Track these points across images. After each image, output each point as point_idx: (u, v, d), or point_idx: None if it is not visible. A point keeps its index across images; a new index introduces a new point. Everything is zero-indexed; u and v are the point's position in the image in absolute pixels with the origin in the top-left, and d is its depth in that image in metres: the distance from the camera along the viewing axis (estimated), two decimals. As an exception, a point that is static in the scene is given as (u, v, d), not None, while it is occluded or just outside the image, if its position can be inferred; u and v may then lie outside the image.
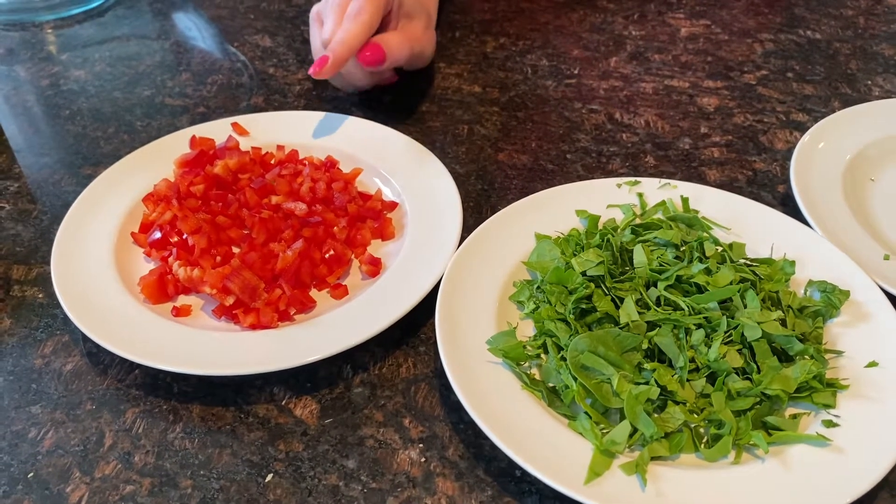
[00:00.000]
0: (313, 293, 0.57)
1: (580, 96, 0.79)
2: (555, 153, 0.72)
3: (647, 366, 0.48)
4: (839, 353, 0.50)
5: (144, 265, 0.60)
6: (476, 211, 0.66)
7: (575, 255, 0.55)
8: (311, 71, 0.66)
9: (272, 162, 0.67)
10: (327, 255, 0.57)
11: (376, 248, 0.61)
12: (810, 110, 0.77)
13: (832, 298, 0.53)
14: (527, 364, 0.51)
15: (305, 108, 0.79)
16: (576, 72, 0.83)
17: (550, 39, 0.89)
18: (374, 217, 0.61)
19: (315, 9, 0.76)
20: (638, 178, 0.63)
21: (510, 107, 0.78)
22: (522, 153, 0.72)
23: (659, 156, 0.72)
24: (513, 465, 0.47)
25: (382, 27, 0.72)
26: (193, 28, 0.94)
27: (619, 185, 0.63)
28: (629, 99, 0.79)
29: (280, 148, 0.68)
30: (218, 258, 0.57)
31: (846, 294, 0.53)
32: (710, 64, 0.84)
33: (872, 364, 0.49)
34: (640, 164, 0.71)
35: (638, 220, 0.60)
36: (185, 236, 0.58)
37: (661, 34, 0.89)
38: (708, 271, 0.53)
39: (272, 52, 0.88)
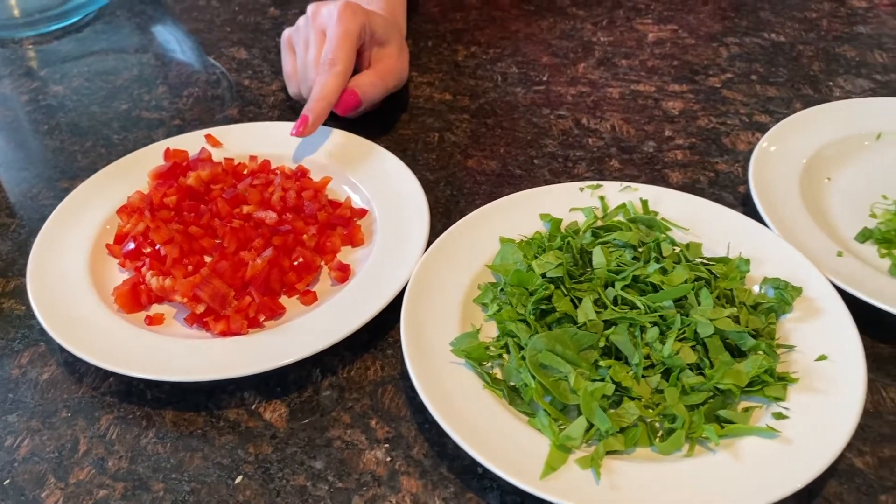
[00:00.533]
0: (283, 300, 0.58)
1: (548, 102, 0.81)
2: (522, 158, 0.74)
3: (603, 363, 0.50)
4: (791, 347, 0.52)
5: (119, 276, 0.61)
6: (445, 216, 0.68)
7: (536, 258, 0.56)
8: (292, 132, 0.68)
9: (245, 172, 0.68)
10: (296, 263, 0.59)
11: (346, 254, 0.62)
12: (773, 112, 0.79)
13: (785, 295, 0.54)
14: (489, 364, 0.53)
15: (280, 118, 0.80)
16: (545, 78, 0.85)
17: (521, 47, 0.90)
18: (343, 224, 0.63)
19: (286, 34, 0.78)
20: (600, 182, 0.65)
21: (480, 114, 0.80)
22: (491, 159, 0.74)
23: (624, 159, 0.73)
24: (475, 462, 0.49)
25: (358, 59, 0.74)
26: (170, 42, 0.95)
27: (581, 189, 0.65)
28: (596, 104, 0.81)
29: (253, 158, 0.70)
30: (190, 267, 0.58)
31: (798, 290, 0.55)
32: (675, 68, 0.86)
33: (822, 358, 0.51)
34: (605, 167, 0.72)
35: (599, 223, 0.62)
36: (157, 247, 0.59)
37: (628, 40, 0.91)
38: (664, 271, 0.55)
39: (248, 64, 0.89)
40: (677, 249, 0.58)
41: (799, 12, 0.96)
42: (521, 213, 0.63)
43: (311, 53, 0.72)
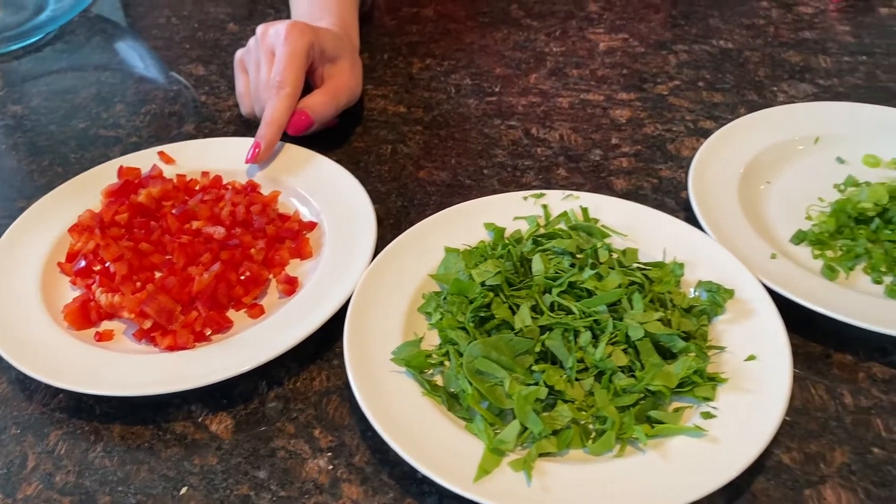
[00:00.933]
0: (231, 313, 0.59)
1: (500, 113, 0.83)
2: (473, 169, 0.76)
3: (537, 367, 0.51)
4: (721, 348, 0.54)
5: (71, 294, 0.62)
6: (395, 227, 0.69)
7: (477, 267, 0.58)
8: (246, 160, 0.70)
9: (196, 188, 0.69)
10: (243, 277, 0.60)
11: (294, 267, 0.63)
12: (718, 118, 0.81)
13: (717, 297, 0.56)
14: (430, 372, 0.54)
15: (235, 133, 0.81)
16: (497, 89, 0.86)
17: (475, 59, 0.92)
18: (292, 237, 0.64)
19: (238, 55, 0.79)
20: (543, 191, 0.66)
21: (433, 125, 0.82)
22: (442, 170, 0.75)
23: (570, 168, 0.75)
24: (415, 468, 0.50)
25: (310, 76, 0.75)
26: (129, 60, 0.96)
27: (525, 198, 0.66)
28: (546, 114, 0.82)
29: (205, 174, 0.71)
30: (139, 284, 0.59)
31: (730, 293, 0.56)
32: (625, 77, 0.88)
33: (751, 358, 0.53)
34: (552, 176, 0.74)
35: (542, 231, 0.63)
36: (107, 264, 0.60)
37: (580, 50, 0.93)
38: (599, 277, 0.56)
39: (205, 81, 0.90)
40: (614, 255, 0.60)
41: (748, 19, 0.98)
42: (467, 223, 0.64)
43: (262, 74, 0.73)
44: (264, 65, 0.73)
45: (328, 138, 0.79)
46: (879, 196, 0.64)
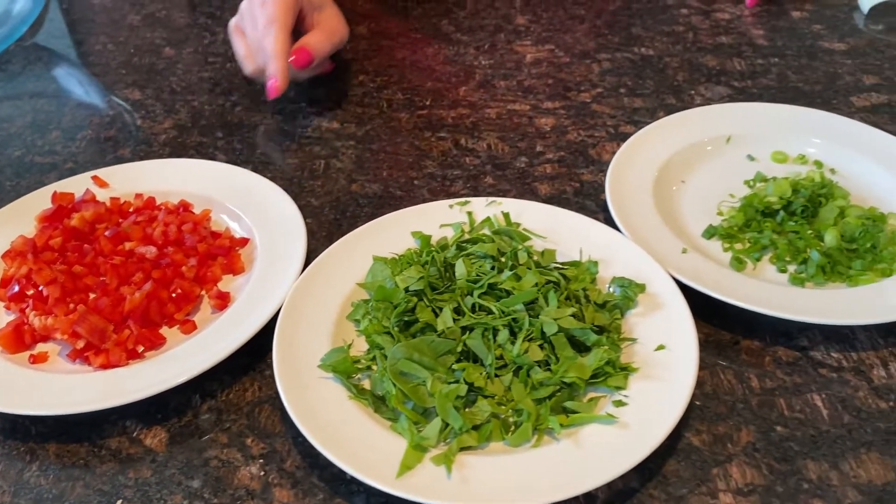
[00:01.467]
0: (164, 330, 0.61)
1: (430, 126, 0.86)
2: (404, 180, 0.78)
3: (457, 366, 0.54)
4: (633, 340, 0.57)
5: (5, 318, 0.63)
6: (328, 239, 0.71)
7: (402, 273, 0.60)
8: (270, 96, 0.78)
9: (130, 210, 0.71)
10: (175, 294, 0.61)
11: (227, 282, 0.65)
12: (637, 122, 0.84)
13: (629, 292, 0.59)
14: (358, 377, 0.56)
15: (170, 155, 0.83)
16: (428, 103, 0.89)
17: (406, 74, 0.95)
18: (223, 254, 0.66)
19: (233, 22, 0.86)
20: (468, 199, 0.69)
21: (365, 140, 0.84)
22: (374, 182, 0.78)
23: (497, 175, 0.78)
24: (343, 469, 0.52)
25: (301, 26, 0.83)
26: (66, 87, 0.97)
27: (451, 206, 0.69)
28: (474, 125, 0.85)
29: (138, 196, 0.72)
30: (72, 306, 0.61)
31: (642, 287, 0.60)
32: (550, 86, 0.91)
33: (661, 347, 0.56)
34: (479, 184, 0.77)
35: (466, 237, 0.66)
36: (40, 288, 0.62)
37: (508, 62, 0.96)
38: (517, 277, 0.59)
39: (141, 105, 0.92)
40: (533, 257, 0.62)
41: (668, 26, 1.02)
42: (395, 233, 0.67)
43: (260, 24, 0.80)
44: (260, 17, 0.80)
45: (263, 156, 0.81)
46: (783, 190, 0.68)
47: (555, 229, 0.66)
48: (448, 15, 1.07)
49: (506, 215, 0.67)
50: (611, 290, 0.61)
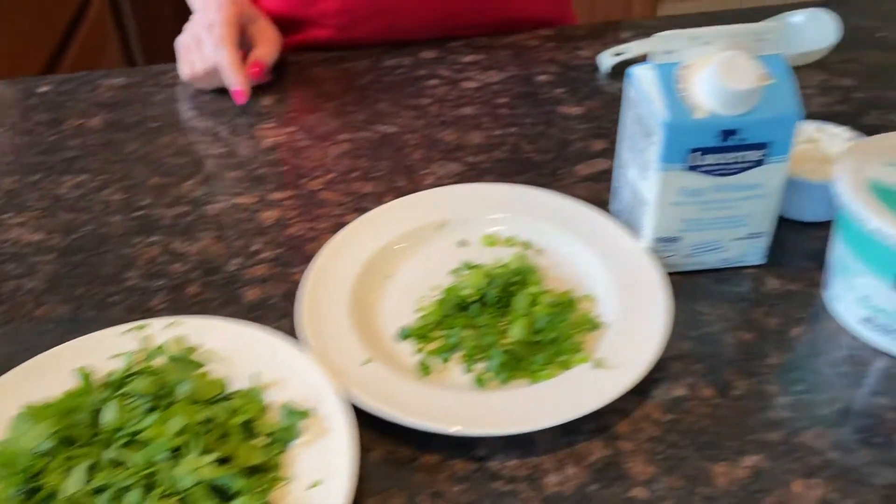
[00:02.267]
0: None
1: (143, 229, 0.80)
2: (99, 297, 0.72)
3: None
4: (285, 479, 0.53)
5: None
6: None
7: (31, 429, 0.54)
8: (239, 102, 0.95)
9: None
10: None
11: None
12: (364, 209, 0.81)
13: (293, 420, 0.55)
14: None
15: None
16: (146, 202, 0.84)
17: (132, 170, 0.89)
18: None
19: (179, 41, 0.98)
20: (145, 322, 0.64)
21: (68, 252, 0.77)
22: (65, 303, 0.71)
23: (205, 282, 0.73)
24: None
25: (245, 39, 0.96)
26: None
27: (125, 333, 0.63)
28: (191, 224, 0.80)
29: None
30: None
31: (304, 414, 0.56)
32: (282, 174, 0.87)
33: (316, 484, 0.52)
34: (183, 295, 0.72)
35: (136, 368, 0.61)
36: None
37: (243, 149, 0.92)
38: (164, 421, 0.54)
39: None
40: (200, 390, 0.58)
41: (414, 99, 1.00)
42: (55, 373, 0.60)
43: (209, 44, 0.92)
44: (208, 39, 0.92)
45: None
46: (478, 281, 0.66)
47: (238, 349, 0.62)
48: (194, 99, 1.01)
49: (179, 339, 0.62)
50: (281, 418, 0.57)
